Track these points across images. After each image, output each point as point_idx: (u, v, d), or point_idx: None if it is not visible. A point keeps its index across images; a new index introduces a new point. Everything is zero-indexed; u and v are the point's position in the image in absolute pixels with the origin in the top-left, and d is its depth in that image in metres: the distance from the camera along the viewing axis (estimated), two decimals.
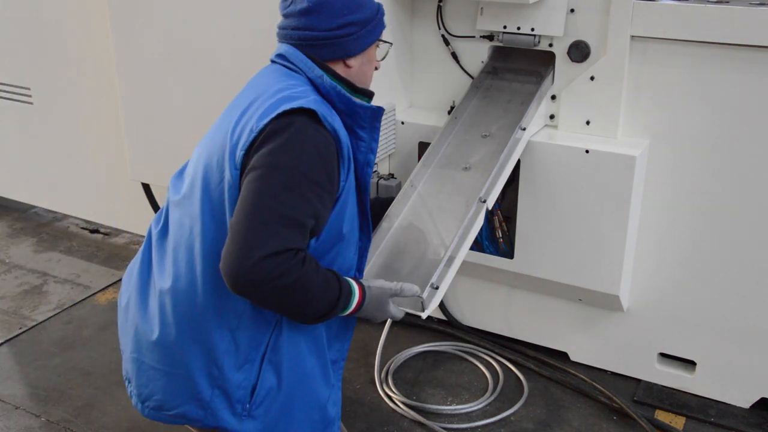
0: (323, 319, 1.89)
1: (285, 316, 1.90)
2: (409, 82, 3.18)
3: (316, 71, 1.95)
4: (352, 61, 2.02)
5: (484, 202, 2.50)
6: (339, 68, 2.01)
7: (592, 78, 2.76)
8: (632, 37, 2.66)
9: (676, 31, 2.58)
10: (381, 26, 2.08)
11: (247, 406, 1.93)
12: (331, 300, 1.86)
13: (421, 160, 2.72)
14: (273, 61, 2.05)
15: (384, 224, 2.48)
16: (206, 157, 1.92)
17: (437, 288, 2.25)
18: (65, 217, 4.62)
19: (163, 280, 1.96)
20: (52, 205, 4.49)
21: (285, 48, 2.01)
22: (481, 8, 2.87)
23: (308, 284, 1.78)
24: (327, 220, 1.89)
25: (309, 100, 1.86)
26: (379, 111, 2.00)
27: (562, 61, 2.82)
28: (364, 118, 1.97)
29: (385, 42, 2.13)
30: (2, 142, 4.37)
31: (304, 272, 1.76)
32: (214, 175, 1.88)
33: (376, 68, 2.14)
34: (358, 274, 2.10)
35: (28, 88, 4.10)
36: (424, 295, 2.19)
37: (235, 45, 3.08)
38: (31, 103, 4.12)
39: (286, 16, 2.01)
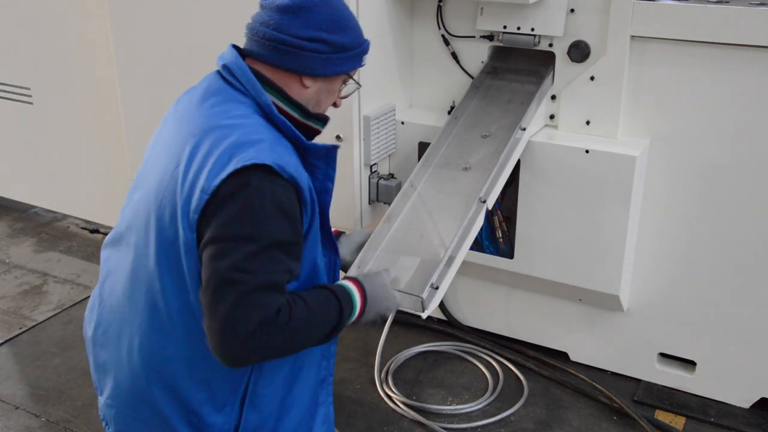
0: (337, 333, 1.84)
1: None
2: (409, 82, 3.17)
3: (264, 98, 1.80)
4: (309, 82, 1.86)
5: (484, 202, 2.50)
6: (294, 85, 1.85)
7: (592, 78, 2.76)
8: (632, 37, 2.66)
9: (676, 31, 2.58)
10: (357, 62, 1.92)
11: None
12: (333, 315, 1.80)
13: (420, 161, 2.72)
14: (218, 71, 1.88)
15: (384, 224, 2.48)
16: (157, 206, 1.77)
17: (437, 288, 2.25)
18: (65, 217, 4.62)
19: (129, 328, 1.85)
20: (52, 205, 4.48)
21: (232, 58, 1.84)
22: (481, 8, 2.87)
23: (303, 325, 1.72)
24: (301, 265, 1.81)
25: (263, 147, 1.70)
26: (332, 151, 1.88)
27: (562, 61, 2.82)
28: (317, 156, 1.86)
29: (355, 82, 1.98)
30: (2, 142, 4.37)
31: (293, 321, 1.69)
32: (168, 231, 1.74)
33: (335, 104, 2.00)
34: None
35: (28, 88, 4.10)
36: (424, 295, 2.19)
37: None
38: (31, 103, 4.12)
39: (262, 6, 1.86)
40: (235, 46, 1.92)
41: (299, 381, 1.94)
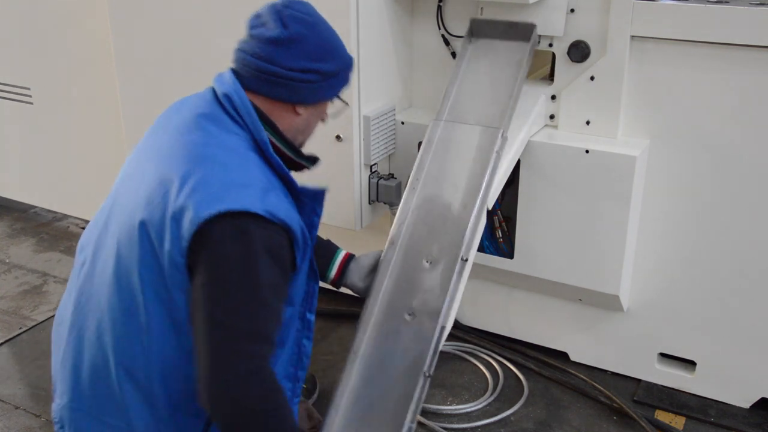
0: None
1: None
2: (409, 82, 3.17)
3: (262, 135, 1.82)
4: (302, 110, 1.90)
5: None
6: (286, 114, 1.89)
7: (592, 78, 2.76)
8: (632, 37, 2.65)
9: (676, 31, 2.58)
10: (344, 82, 1.96)
11: None
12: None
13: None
14: (217, 97, 1.88)
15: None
16: (145, 222, 1.77)
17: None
18: (65, 217, 4.62)
19: (106, 339, 1.86)
20: (52, 205, 4.48)
21: (233, 87, 1.85)
22: (481, 8, 2.87)
23: (282, 414, 1.75)
24: (288, 301, 1.87)
25: (256, 192, 1.73)
26: (321, 195, 1.93)
27: (562, 61, 2.82)
28: (306, 196, 1.90)
29: (343, 101, 2.01)
30: (2, 142, 4.37)
31: (277, 401, 1.74)
32: (155, 247, 1.76)
33: (322, 120, 2.03)
34: (309, 314, 2.05)
35: (28, 88, 4.09)
36: None
37: (235, 45, 3.07)
38: (31, 103, 4.12)
39: (251, 36, 1.86)
40: (234, 72, 1.91)
41: None
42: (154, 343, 1.81)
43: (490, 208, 2.52)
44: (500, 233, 3.03)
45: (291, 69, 1.82)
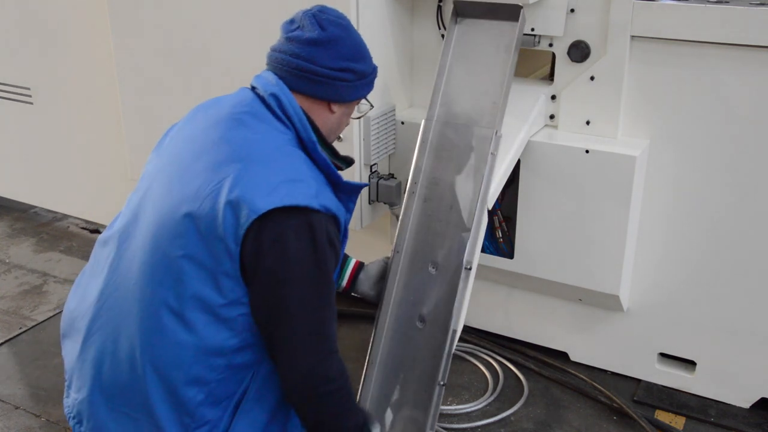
0: None
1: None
2: (409, 82, 3.17)
3: (311, 135, 1.90)
4: (336, 108, 1.99)
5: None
6: (322, 111, 1.97)
7: (592, 78, 2.76)
8: (632, 37, 2.66)
9: (676, 31, 2.58)
10: (371, 86, 2.06)
11: None
12: (358, 421, 1.93)
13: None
14: (261, 97, 1.93)
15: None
16: (193, 210, 1.80)
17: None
18: (65, 217, 4.62)
19: (130, 329, 1.87)
20: (52, 205, 4.49)
21: (279, 87, 1.91)
22: None
23: (347, 394, 1.89)
24: None
25: (311, 188, 1.81)
26: (358, 189, 2.01)
27: (562, 61, 2.82)
28: (345, 191, 1.97)
29: (369, 103, 2.12)
30: (2, 142, 4.37)
31: (344, 379, 1.87)
32: (203, 235, 1.79)
33: (347, 121, 2.13)
34: None
35: (28, 88, 4.10)
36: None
37: (235, 45, 3.08)
38: (31, 103, 4.12)
39: (289, 39, 1.93)
40: (273, 73, 1.97)
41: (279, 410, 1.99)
42: (185, 335, 1.82)
43: (490, 208, 2.52)
44: (500, 233, 3.03)
45: (330, 68, 1.92)
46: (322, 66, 1.91)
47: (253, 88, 1.98)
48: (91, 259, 2.07)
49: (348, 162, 2.11)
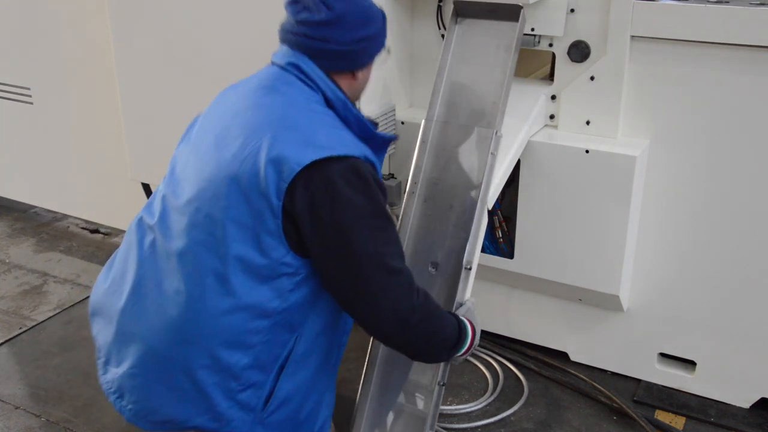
0: (451, 354, 2.05)
1: (419, 356, 2.05)
2: (408, 82, 3.17)
3: (339, 93, 1.94)
4: (360, 73, 2.02)
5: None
6: (345, 80, 1.99)
7: (592, 78, 2.76)
8: (632, 37, 2.65)
9: (676, 31, 2.58)
10: (385, 34, 2.07)
11: (260, 413, 1.91)
12: (453, 333, 2.01)
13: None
14: (283, 68, 1.96)
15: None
16: (235, 171, 1.83)
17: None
18: (65, 217, 4.62)
19: (172, 299, 1.88)
20: (52, 205, 4.49)
21: (297, 57, 1.94)
22: None
23: (435, 314, 1.96)
24: None
25: (350, 139, 1.88)
26: (389, 142, 2.06)
27: (562, 61, 2.82)
28: (378, 145, 2.01)
29: (386, 50, 2.17)
30: (2, 142, 4.38)
31: (430, 303, 1.94)
32: (247, 196, 1.81)
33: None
34: None
35: (28, 88, 4.10)
36: None
37: (234, 44, 3.08)
38: (31, 103, 4.12)
39: (298, 22, 1.94)
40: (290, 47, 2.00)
41: (324, 363, 2.05)
42: (229, 298, 1.83)
43: (490, 208, 2.52)
44: (500, 233, 3.03)
45: (346, 42, 1.94)
46: (339, 43, 1.93)
47: (273, 64, 2.01)
48: (125, 241, 2.08)
49: (375, 125, 2.11)
